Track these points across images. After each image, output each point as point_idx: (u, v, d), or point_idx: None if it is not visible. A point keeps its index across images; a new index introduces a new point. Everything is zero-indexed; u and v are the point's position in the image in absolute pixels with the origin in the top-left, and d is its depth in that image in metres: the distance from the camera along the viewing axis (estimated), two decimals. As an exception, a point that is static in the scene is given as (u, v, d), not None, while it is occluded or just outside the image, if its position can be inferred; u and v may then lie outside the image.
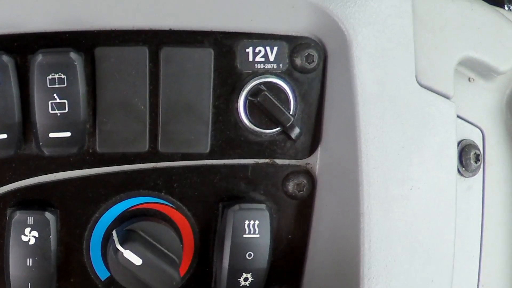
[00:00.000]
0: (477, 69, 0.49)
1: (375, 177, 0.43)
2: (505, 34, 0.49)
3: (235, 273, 0.45)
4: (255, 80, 0.44)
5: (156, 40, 0.43)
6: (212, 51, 0.43)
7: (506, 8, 0.61)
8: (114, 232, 0.43)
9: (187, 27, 0.43)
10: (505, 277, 0.53)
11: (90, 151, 0.44)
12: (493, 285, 0.52)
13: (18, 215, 0.43)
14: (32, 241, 0.43)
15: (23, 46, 0.43)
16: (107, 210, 0.45)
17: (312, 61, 0.44)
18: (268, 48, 0.44)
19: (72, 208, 0.45)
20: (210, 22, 0.43)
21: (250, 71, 0.44)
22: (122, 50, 0.43)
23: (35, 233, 0.43)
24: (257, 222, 0.44)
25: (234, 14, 0.43)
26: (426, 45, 0.45)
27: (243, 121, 0.45)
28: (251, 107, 0.44)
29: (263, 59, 0.44)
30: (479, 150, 0.50)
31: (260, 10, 0.43)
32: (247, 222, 0.44)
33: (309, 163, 0.46)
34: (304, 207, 0.47)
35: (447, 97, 0.45)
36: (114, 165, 0.45)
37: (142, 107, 0.43)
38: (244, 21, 0.44)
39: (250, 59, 0.44)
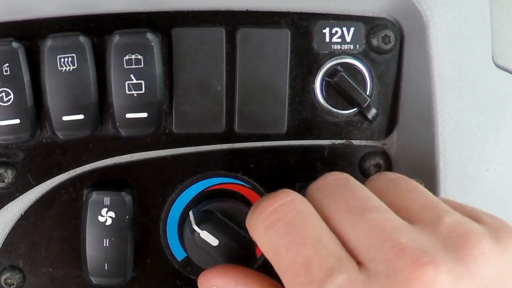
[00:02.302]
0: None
1: (451, 158, 0.43)
2: None
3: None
4: (331, 61, 0.44)
5: (233, 21, 0.43)
6: (289, 32, 0.43)
7: None
8: (190, 213, 0.43)
9: (264, 7, 0.43)
10: None
11: (167, 131, 0.44)
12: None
13: (94, 195, 0.43)
14: (109, 222, 0.43)
15: (100, 27, 0.43)
16: (183, 191, 0.45)
17: (389, 42, 0.44)
18: (345, 29, 0.44)
19: (149, 188, 0.45)
20: (287, 3, 0.43)
21: (327, 52, 0.44)
22: (199, 31, 0.43)
23: (112, 214, 0.43)
24: (333, 202, 0.44)
25: (311, -5, 0.43)
26: (503, 26, 0.45)
27: (320, 102, 0.44)
28: (327, 88, 0.44)
29: (339, 40, 0.44)
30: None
31: (337, -10, 0.43)
32: (323, 202, 0.44)
33: (385, 144, 0.46)
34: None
35: (523, 78, 0.45)
36: (190, 146, 0.45)
37: (219, 88, 0.43)
38: (321, 1, 0.43)
39: (327, 40, 0.44)
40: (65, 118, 0.42)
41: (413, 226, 0.32)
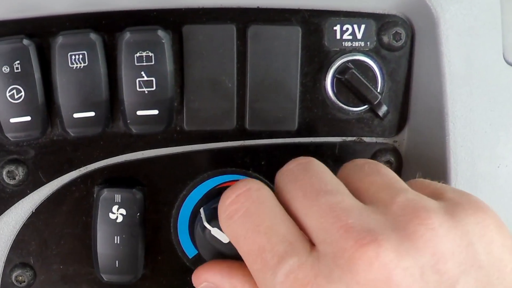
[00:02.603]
0: None
1: (462, 155, 0.43)
2: None
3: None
4: (342, 58, 0.44)
5: (243, 18, 0.43)
6: (299, 29, 0.43)
7: None
8: (201, 210, 0.43)
9: (275, 5, 0.43)
10: None
11: (178, 129, 0.44)
12: None
13: (105, 192, 0.43)
14: (120, 219, 0.43)
15: (110, 24, 0.43)
16: (194, 188, 0.45)
17: (400, 39, 0.44)
18: (355, 26, 0.44)
19: (160, 186, 0.45)
20: (298, 0, 0.43)
21: (338, 49, 0.44)
22: (209, 28, 0.43)
23: (123, 211, 0.43)
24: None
25: (322, -8, 0.43)
26: (514, 23, 0.45)
27: (331, 99, 0.44)
28: (338, 85, 0.44)
29: (350, 37, 0.44)
30: None
31: (347, -12, 0.43)
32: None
33: (396, 141, 0.46)
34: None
35: (534, 75, 0.45)
36: (201, 143, 0.45)
37: (230, 85, 0.43)
38: (332, -1, 0.44)
39: (338, 37, 0.44)
40: (76, 115, 0.42)
41: (366, 207, 0.32)
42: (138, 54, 0.41)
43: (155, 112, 0.42)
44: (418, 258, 0.30)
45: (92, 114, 0.42)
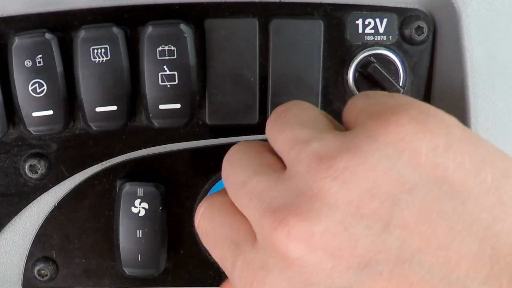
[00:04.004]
0: None
1: (484, 149, 0.43)
2: None
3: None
4: (364, 52, 0.44)
5: (266, 12, 0.43)
6: (322, 23, 0.43)
7: None
8: (223, 204, 0.43)
9: (297, -1, 0.43)
10: None
11: (200, 123, 0.44)
12: None
13: (128, 186, 0.43)
14: (142, 213, 0.43)
15: (133, 18, 0.43)
16: (216, 182, 0.45)
17: (422, 33, 0.44)
18: (377, 20, 0.44)
19: (182, 179, 0.45)
20: (320, -6, 0.43)
21: (360, 43, 0.44)
22: (232, 22, 0.43)
23: (145, 205, 0.43)
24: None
25: (344, -14, 0.43)
26: (535, 17, 0.45)
27: (353, 93, 0.44)
28: (360, 79, 0.44)
29: (372, 31, 0.44)
30: None
31: (370, -19, 0.43)
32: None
33: (418, 135, 0.46)
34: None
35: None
36: (223, 137, 0.45)
37: (252, 79, 0.43)
38: (354, -7, 0.44)
39: (360, 31, 0.44)
40: (98, 109, 0.42)
41: (279, 178, 0.29)
42: (160, 48, 0.41)
43: (177, 106, 0.42)
44: (334, 214, 0.26)
45: (114, 108, 0.42)
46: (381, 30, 0.44)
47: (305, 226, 0.27)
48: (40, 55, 0.41)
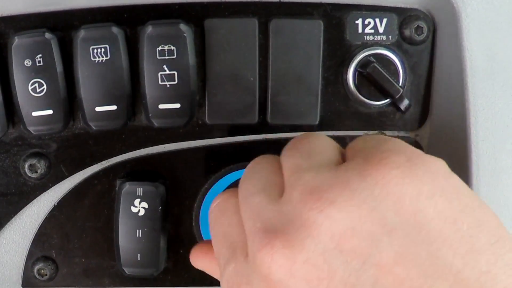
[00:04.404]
0: None
1: (484, 149, 0.43)
2: None
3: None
4: (364, 52, 0.44)
5: (265, 12, 0.43)
6: (321, 23, 0.43)
7: None
8: (223, 204, 0.43)
9: (297, -2, 0.44)
10: None
11: (200, 122, 0.44)
12: None
13: (127, 186, 0.43)
14: (142, 212, 0.44)
15: (132, 18, 0.43)
16: (216, 182, 0.45)
17: (422, 33, 0.44)
18: (377, 20, 0.44)
19: (182, 179, 0.45)
20: (319, -7, 0.43)
21: (360, 43, 0.44)
22: (231, 22, 0.43)
23: (145, 204, 0.43)
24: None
25: (344, -14, 0.43)
26: (535, 17, 0.45)
27: (352, 93, 0.44)
28: (360, 78, 0.44)
29: (372, 31, 0.44)
30: None
31: (369, -19, 0.43)
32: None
33: (418, 135, 0.46)
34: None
35: (556, 70, 0.45)
36: (223, 137, 0.45)
37: (252, 79, 0.43)
38: (354, -8, 0.44)
39: (360, 31, 0.44)
40: (98, 109, 0.42)
41: (279, 201, 0.31)
42: (160, 48, 0.41)
43: (177, 105, 0.42)
44: (316, 246, 0.28)
45: (114, 107, 0.42)
46: (380, 30, 0.44)
47: (288, 253, 0.28)
48: (40, 55, 0.41)
